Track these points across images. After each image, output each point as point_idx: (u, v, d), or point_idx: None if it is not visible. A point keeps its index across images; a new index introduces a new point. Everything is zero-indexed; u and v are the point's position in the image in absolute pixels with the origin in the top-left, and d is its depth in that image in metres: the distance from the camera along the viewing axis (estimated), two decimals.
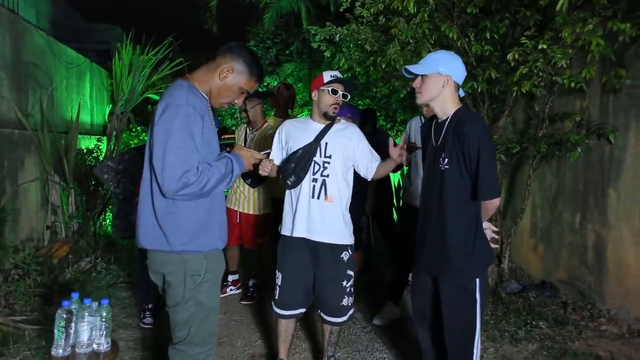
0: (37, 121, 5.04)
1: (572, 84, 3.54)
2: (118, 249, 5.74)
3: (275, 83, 10.18)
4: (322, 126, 2.95)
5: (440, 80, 2.34)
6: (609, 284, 3.99)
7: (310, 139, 2.91)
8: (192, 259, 2.10)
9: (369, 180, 3.11)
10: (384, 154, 3.00)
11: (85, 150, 6.13)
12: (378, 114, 7.99)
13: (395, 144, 2.86)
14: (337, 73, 2.97)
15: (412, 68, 2.42)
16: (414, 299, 2.60)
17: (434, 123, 2.49)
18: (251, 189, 4.28)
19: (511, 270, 4.87)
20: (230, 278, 4.60)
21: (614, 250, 3.94)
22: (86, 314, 2.25)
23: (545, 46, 3.43)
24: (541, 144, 3.96)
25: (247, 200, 4.32)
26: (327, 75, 2.93)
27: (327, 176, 2.88)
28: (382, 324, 3.95)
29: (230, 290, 4.59)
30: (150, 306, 3.91)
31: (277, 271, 3.03)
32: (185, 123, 1.96)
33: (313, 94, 2.97)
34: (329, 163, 2.89)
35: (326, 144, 2.91)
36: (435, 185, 2.39)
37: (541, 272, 4.70)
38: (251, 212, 4.32)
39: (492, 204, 2.35)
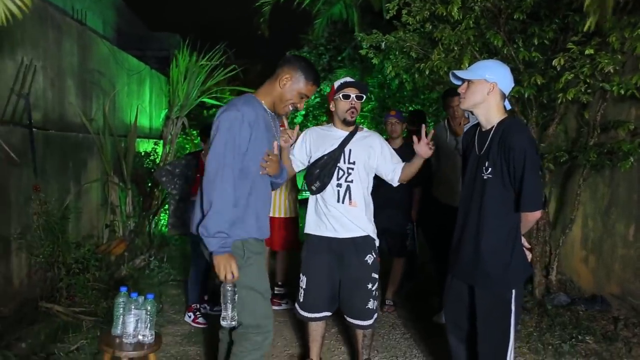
0: (99, 125, 5.38)
1: (622, 91, 3.42)
2: (171, 248, 6.02)
3: (328, 89, 10.33)
4: (345, 133, 3.01)
5: (486, 87, 2.34)
6: None
7: (334, 146, 2.99)
8: (232, 245, 2.26)
9: (395, 185, 3.09)
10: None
11: (143, 153, 6.46)
12: (429, 120, 7.97)
13: (419, 140, 2.84)
14: (347, 78, 3.05)
15: (460, 73, 2.44)
16: (447, 306, 2.60)
17: (477, 131, 2.49)
18: (281, 195, 4.38)
19: (560, 283, 4.73)
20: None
21: None
22: (132, 307, 2.41)
23: (592, 52, 3.33)
24: (591, 153, 3.84)
25: (280, 205, 4.39)
26: (337, 83, 3.03)
27: (352, 182, 2.95)
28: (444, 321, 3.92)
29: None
30: (198, 306, 4.09)
31: (301, 274, 3.09)
32: (232, 125, 2.23)
33: (331, 105, 3.05)
34: (352, 169, 2.96)
35: (350, 150, 2.98)
36: (476, 193, 2.40)
37: (592, 285, 4.54)
38: (281, 216, 4.39)
39: (533, 216, 2.34)
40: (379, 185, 3.35)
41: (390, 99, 8.12)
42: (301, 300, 3.08)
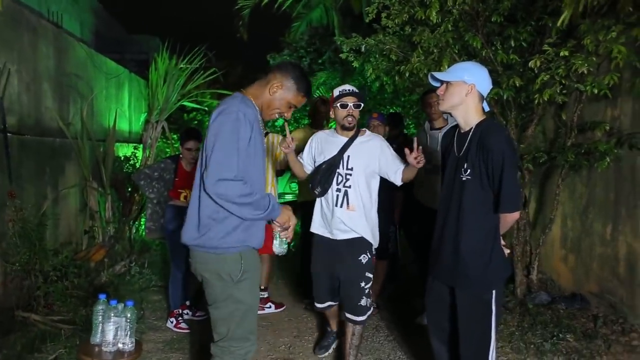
0: (77, 130, 5.29)
1: (595, 91, 3.48)
2: (152, 254, 5.94)
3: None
4: (345, 139, 3.16)
5: (464, 88, 2.36)
6: None
7: (335, 152, 3.15)
8: (229, 258, 2.21)
9: (398, 185, 3.20)
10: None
11: (122, 158, 6.37)
12: (409, 122, 8.01)
13: (410, 152, 2.88)
14: (345, 87, 3.17)
15: (438, 74, 2.45)
16: (429, 308, 2.61)
17: (456, 133, 2.51)
18: None
19: (541, 282, 4.79)
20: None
21: None
22: (112, 314, 2.37)
23: (567, 53, 3.39)
24: (569, 154, 3.90)
25: None
26: (336, 92, 3.18)
27: (349, 187, 3.11)
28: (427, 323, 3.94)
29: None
30: (180, 311, 4.04)
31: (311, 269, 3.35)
32: (235, 127, 2.13)
33: (331, 112, 3.22)
34: (350, 175, 3.11)
35: (348, 156, 3.13)
36: (455, 194, 2.41)
37: (572, 283, 4.61)
38: None
39: (512, 217, 2.36)
40: None
41: (372, 101, 8.16)
42: (313, 293, 3.38)
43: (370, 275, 3.17)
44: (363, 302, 3.14)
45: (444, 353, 2.57)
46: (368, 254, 3.14)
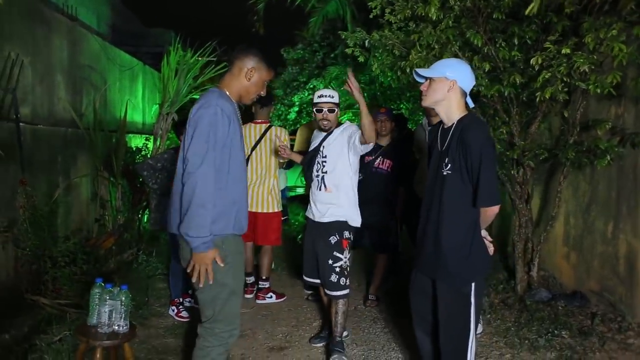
0: (90, 120, 5.43)
1: (598, 90, 3.46)
2: (161, 242, 6.06)
3: (322, 86, 10.36)
4: (323, 135, 3.63)
5: (446, 84, 2.41)
6: None
7: (316, 145, 3.65)
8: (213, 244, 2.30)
9: (368, 142, 3.34)
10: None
11: (134, 149, 6.51)
12: (419, 117, 8.00)
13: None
14: (324, 92, 3.64)
15: (421, 71, 2.51)
16: (413, 300, 2.66)
17: (440, 128, 2.55)
18: (264, 191, 4.45)
19: (544, 279, 4.79)
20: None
21: None
22: (107, 297, 2.48)
23: (568, 51, 3.38)
24: (569, 151, 3.89)
25: (263, 201, 4.45)
26: (315, 97, 3.65)
27: (326, 172, 3.55)
28: None
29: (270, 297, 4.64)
30: (181, 299, 4.15)
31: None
32: (213, 121, 2.26)
33: (313, 114, 3.70)
34: (325, 162, 3.58)
35: (323, 147, 3.60)
36: (437, 188, 2.46)
37: (573, 281, 4.60)
38: (268, 211, 4.46)
39: (491, 211, 2.39)
40: (362, 181, 3.76)
41: (382, 96, 8.17)
42: (303, 266, 3.72)
43: (340, 256, 3.45)
44: (333, 278, 3.44)
45: (427, 344, 2.62)
46: (337, 235, 3.46)
